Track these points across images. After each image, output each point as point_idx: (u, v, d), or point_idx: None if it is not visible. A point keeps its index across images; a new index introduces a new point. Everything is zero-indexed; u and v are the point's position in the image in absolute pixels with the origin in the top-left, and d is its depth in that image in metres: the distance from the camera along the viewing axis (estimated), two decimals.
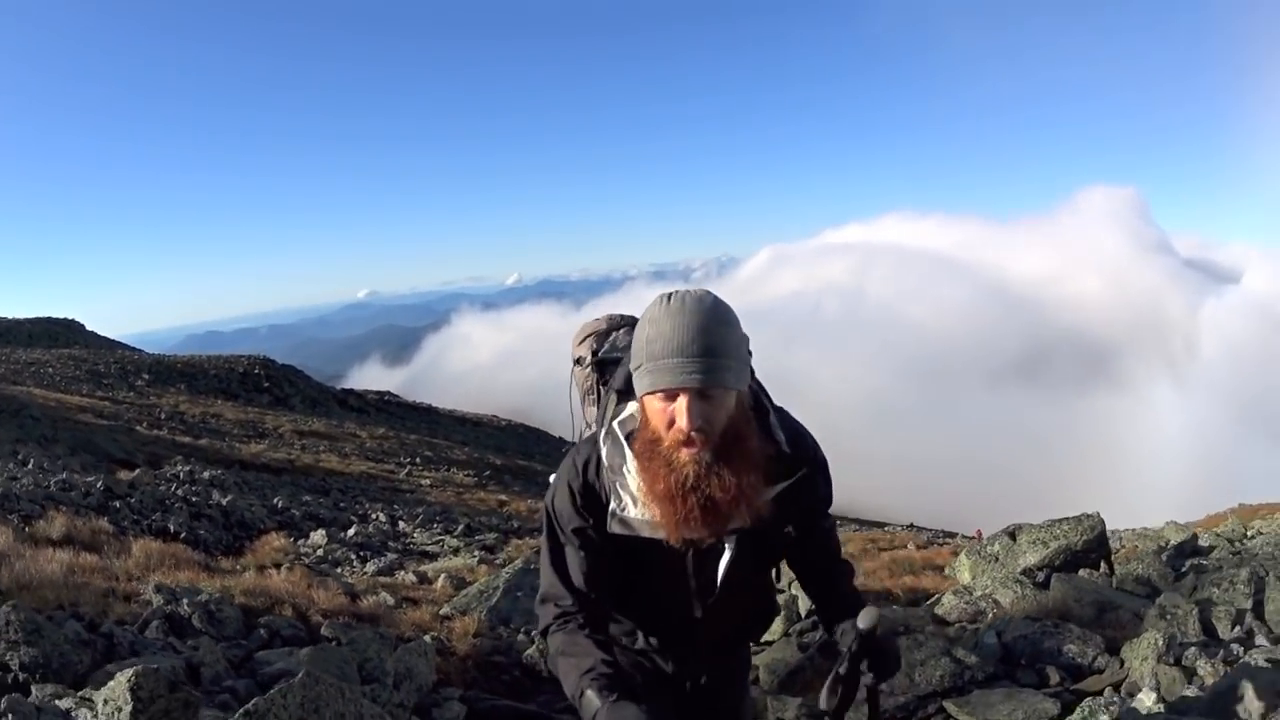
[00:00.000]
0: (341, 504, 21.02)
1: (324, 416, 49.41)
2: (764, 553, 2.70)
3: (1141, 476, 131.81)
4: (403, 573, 11.54)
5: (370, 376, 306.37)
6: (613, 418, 2.63)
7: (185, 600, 6.01)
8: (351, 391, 66.54)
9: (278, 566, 10.77)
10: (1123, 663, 6.00)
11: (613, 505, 2.53)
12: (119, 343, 75.70)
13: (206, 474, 19.96)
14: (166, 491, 16.18)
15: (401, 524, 18.55)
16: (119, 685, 4.06)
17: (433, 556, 14.09)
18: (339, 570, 11.66)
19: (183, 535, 12.61)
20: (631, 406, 2.57)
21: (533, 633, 7.65)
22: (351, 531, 15.68)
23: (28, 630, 4.81)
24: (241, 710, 3.73)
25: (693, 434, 2.27)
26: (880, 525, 40.76)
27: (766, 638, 6.79)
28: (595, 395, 3.08)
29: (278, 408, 49.83)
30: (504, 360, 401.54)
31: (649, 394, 2.33)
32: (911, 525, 41.85)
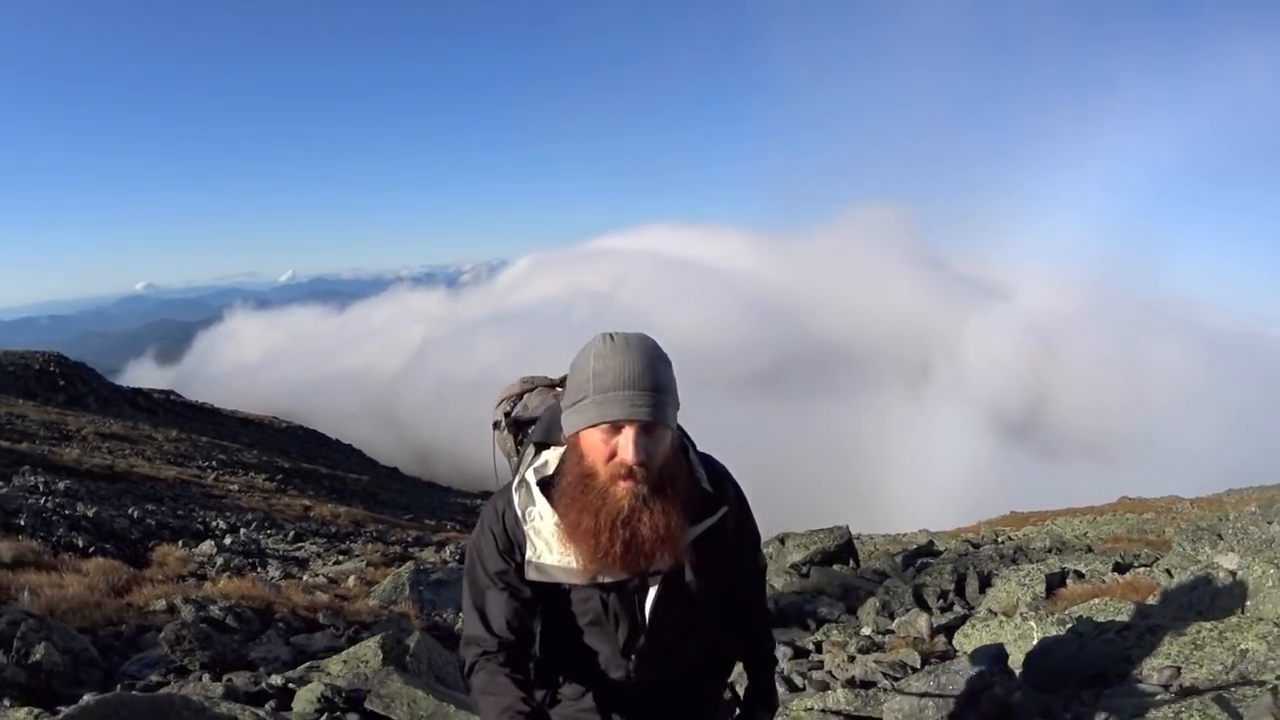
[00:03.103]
0: (179, 511, 21.07)
1: (118, 417, 47.32)
2: (692, 595, 2.60)
3: (910, 485, 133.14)
4: (306, 576, 13.03)
5: (145, 373, 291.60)
6: (528, 467, 2.59)
7: (213, 606, 7.74)
8: (140, 391, 63.66)
9: (197, 577, 12.00)
10: (857, 616, 9.51)
11: (528, 554, 2.49)
12: None
13: (61, 485, 20.01)
14: (38, 505, 16.42)
15: (244, 531, 18.96)
16: (368, 647, 5.78)
17: (302, 562, 15.32)
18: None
19: (92, 550, 13.39)
20: (547, 455, 2.58)
21: (445, 614, 9.56)
22: (229, 540, 16.51)
23: (200, 638, 6.24)
24: (410, 652, 5.58)
25: (635, 467, 2.28)
26: None
27: None
28: (519, 456, 2.89)
29: (75, 408, 47.75)
30: (267, 360, 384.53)
31: (591, 427, 2.33)
32: None
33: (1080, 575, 9.99)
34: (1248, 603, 6.05)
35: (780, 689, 6.75)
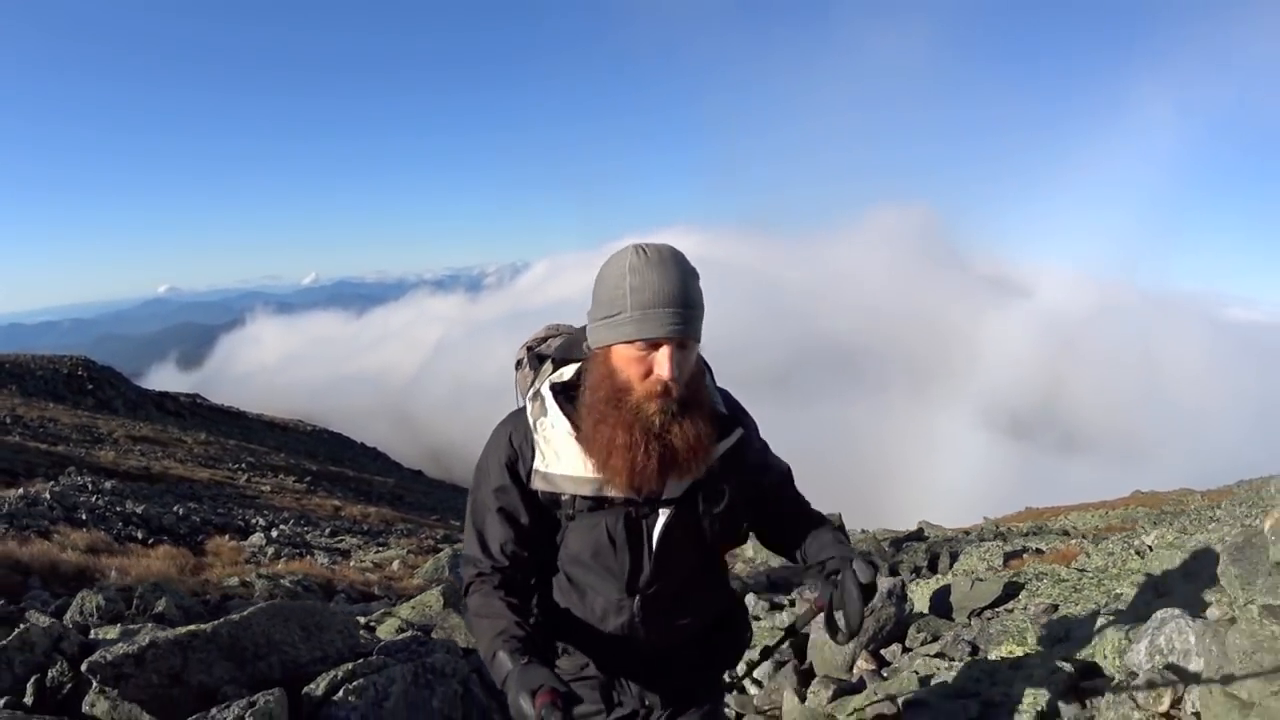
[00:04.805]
0: (219, 510, 21.98)
1: (147, 420, 48.17)
2: (703, 527, 2.60)
3: (926, 483, 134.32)
4: (354, 562, 14.34)
5: (167, 376, 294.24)
6: (544, 380, 2.64)
7: (283, 580, 9.10)
8: (167, 394, 64.01)
9: (252, 564, 13.30)
10: None
11: (536, 462, 2.52)
12: None
13: (108, 484, 20.84)
14: (90, 502, 17.48)
15: (283, 527, 19.98)
16: (432, 595, 7.14)
17: (344, 552, 16.53)
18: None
19: (150, 541, 14.39)
20: (564, 369, 2.64)
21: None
22: (274, 533, 17.68)
23: (291, 596, 7.58)
24: (463, 601, 6.97)
25: (670, 383, 2.31)
26: None
27: None
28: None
29: (104, 411, 48.14)
30: (287, 363, 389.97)
31: (626, 343, 2.34)
32: None
33: (1040, 551, 11.37)
34: (1147, 563, 7.34)
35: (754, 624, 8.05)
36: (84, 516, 15.95)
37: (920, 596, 8.05)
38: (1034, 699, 4.38)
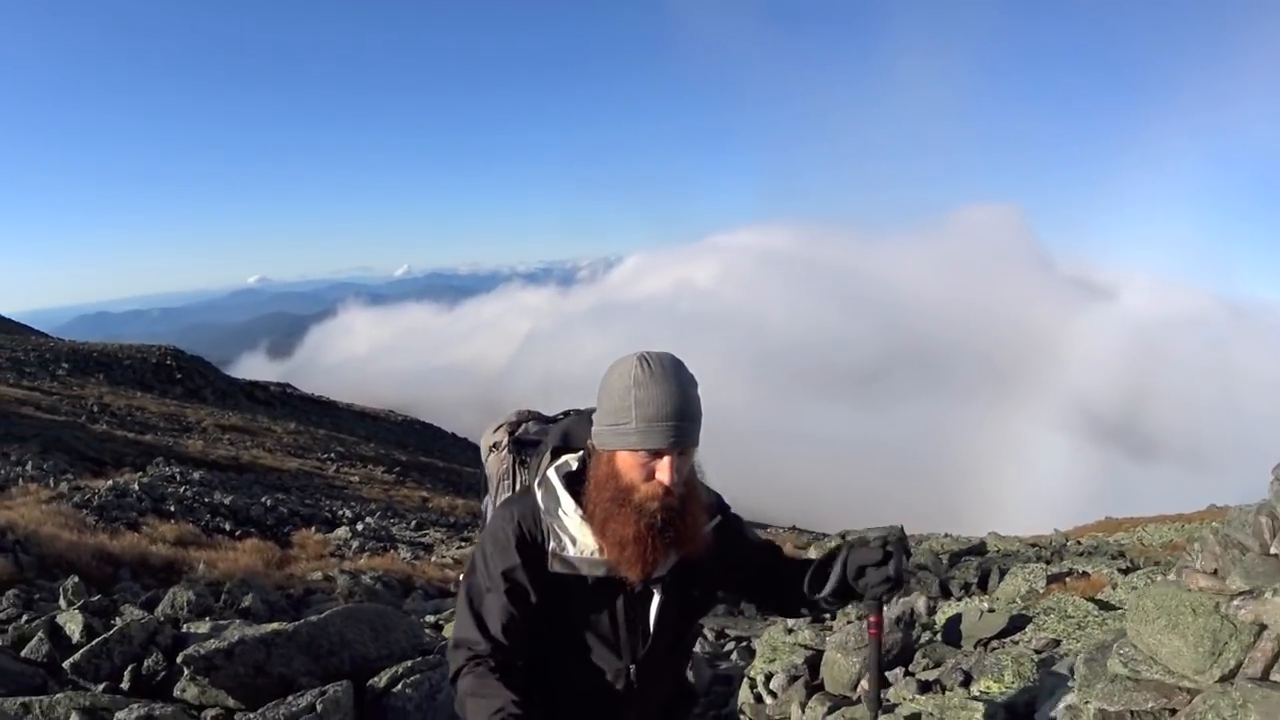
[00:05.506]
0: (307, 501, 22.67)
1: (236, 409, 49.20)
2: (690, 599, 2.83)
3: (1009, 488, 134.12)
4: (434, 558, 14.92)
5: (257, 364, 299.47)
6: (548, 468, 2.77)
7: (364, 577, 9.75)
8: (257, 384, 65.68)
9: (336, 557, 13.93)
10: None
11: (552, 545, 2.63)
12: (24, 325, 71.36)
13: (196, 475, 21.58)
14: (178, 493, 18.26)
15: (369, 519, 20.77)
16: None
17: (428, 547, 17.07)
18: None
19: (238, 534, 15.26)
20: (567, 456, 2.79)
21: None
22: (360, 527, 18.27)
23: (368, 593, 8.21)
24: None
25: (670, 487, 2.50)
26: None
27: None
28: (511, 478, 3.12)
29: (192, 400, 49.25)
30: (378, 354, 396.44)
31: (631, 450, 2.51)
32: (794, 527, 38.96)
33: (1085, 574, 11.56)
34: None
35: (781, 635, 8.38)
36: (172, 508, 16.64)
37: (941, 620, 8.40)
38: None
